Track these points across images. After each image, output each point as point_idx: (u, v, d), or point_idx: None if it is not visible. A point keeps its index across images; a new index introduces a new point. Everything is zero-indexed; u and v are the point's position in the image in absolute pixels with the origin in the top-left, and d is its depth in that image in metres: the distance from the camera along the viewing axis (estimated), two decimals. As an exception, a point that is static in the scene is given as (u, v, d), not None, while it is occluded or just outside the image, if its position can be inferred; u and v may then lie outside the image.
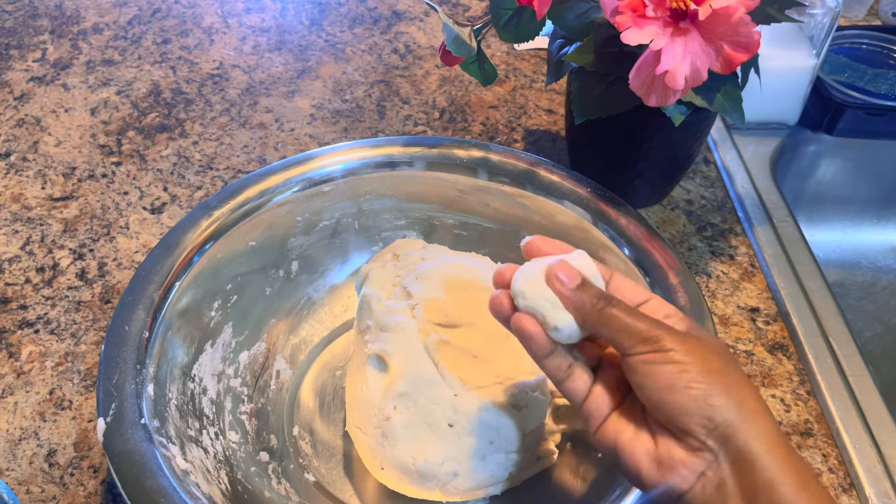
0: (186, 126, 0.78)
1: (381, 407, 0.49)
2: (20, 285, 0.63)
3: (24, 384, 0.57)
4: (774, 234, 0.68)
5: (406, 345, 0.49)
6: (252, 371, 0.56)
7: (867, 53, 0.84)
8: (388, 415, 0.48)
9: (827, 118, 0.78)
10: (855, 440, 0.55)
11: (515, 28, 0.56)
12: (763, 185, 0.73)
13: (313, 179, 0.59)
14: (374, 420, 0.49)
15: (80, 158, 0.74)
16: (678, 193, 0.72)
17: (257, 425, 0.53)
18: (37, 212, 0.69)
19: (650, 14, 0.48)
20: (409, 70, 0.86)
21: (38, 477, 0.52)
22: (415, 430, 0.48)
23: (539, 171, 0.59)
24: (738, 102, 0.55)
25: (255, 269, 0.57)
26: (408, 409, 0.48)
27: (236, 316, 0.56)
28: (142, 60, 0.86)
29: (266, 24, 0.92)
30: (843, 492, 0.53)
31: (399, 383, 0.48)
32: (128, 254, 0.66)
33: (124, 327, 0.49)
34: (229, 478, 0.48)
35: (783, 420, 0.57)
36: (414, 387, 0.48)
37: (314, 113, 0.80)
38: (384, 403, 0.49)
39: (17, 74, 0.83)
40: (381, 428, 0.48)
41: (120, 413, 0.45)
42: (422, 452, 0.48)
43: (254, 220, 0.57)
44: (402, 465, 0.48)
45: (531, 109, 0.81)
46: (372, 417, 0.49)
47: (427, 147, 0.60)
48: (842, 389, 0.58)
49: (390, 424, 0.48)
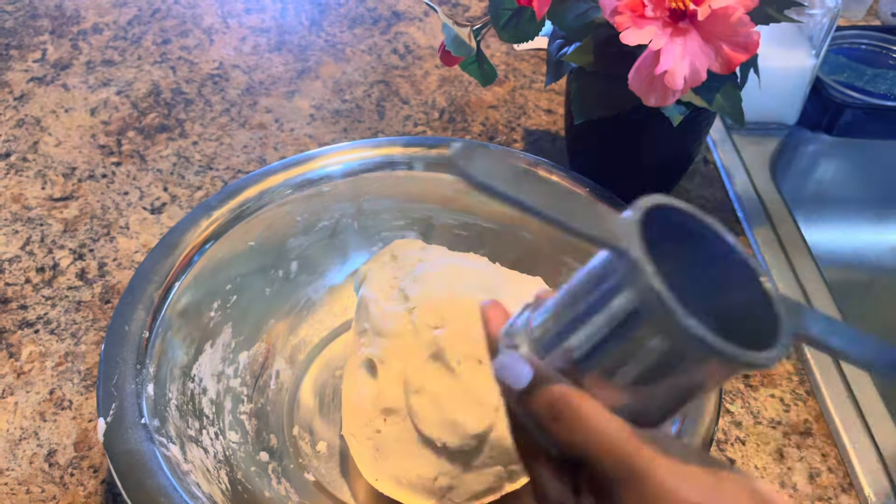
0: (186, 126, 0.78)
1: (372, 418, 0.48)
2: (20, 285, 0.63)
3: (24, 384, 0.57)
4: (774, 233, 0.68)
5: (400, 352, 0.49)
6: (252, 371, 0.56)
7: (866, 53, 0.84)
8: (379, 427, 0.48)
9: (826, 118, 0.78)
10: (854, 440, 0.55)
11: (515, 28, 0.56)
12: (762, 185, 0.73)
13: (313, 180, 0.59)
14: (365, 430, 0.49)
15: (80, 159, 0.74)
16: (678, 193, 0.72)
17: (257, 425, 0.54)
18: (37, 212, 0.69)
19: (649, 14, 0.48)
20: (409, 70, 0.86)
21: (39, 477, 0.52)
22: (406, 445, 0.48)
23: (539, 172, 0.59)
24: (737, 102, 0.55)
25: (255, 269, 0.57)
26: (397, 424, 0.48)
27: (236, 316, 0.56)
28: (142, 61, 0.86)
29: (266, 24, 0.92)
30: (843, 491, 0.53)
31: (388, 397, 0.48)
32: (128, 254, 0.66)
33: (124, 327, 0.49)
34: (229, 477, 0.48)
35: (782, 420, 0.57)
36: (402, 403, 0.48)
37: (314, 113, 0.80)
38: (374, 415, 0.48)
39: (17, 75, 0.83)
40: (374, 440, 0.48)
41: (120, 413, 0.45)
42: (414, 468, 0.47)
43: (253, 221, 0.57)
44: (395, 479, 0.48)
45: (531, 110, 0.81)
46: (364, 427, 0.49)
47: (426, 147, 0.60)
48: (841, 389, 0.58)
49: (382, 437, 0.48)
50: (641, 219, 0.28)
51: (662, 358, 0.28)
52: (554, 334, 0.30)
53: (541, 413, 0.29)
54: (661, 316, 0.26)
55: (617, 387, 0.29)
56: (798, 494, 0.53)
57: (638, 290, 0.27)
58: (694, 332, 0.26)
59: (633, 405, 0.29)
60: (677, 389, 0.29)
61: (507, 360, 0.30)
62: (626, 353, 0.28)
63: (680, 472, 0.28)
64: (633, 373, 0.28)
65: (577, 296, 0.29)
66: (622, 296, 0.27)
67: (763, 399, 0.58)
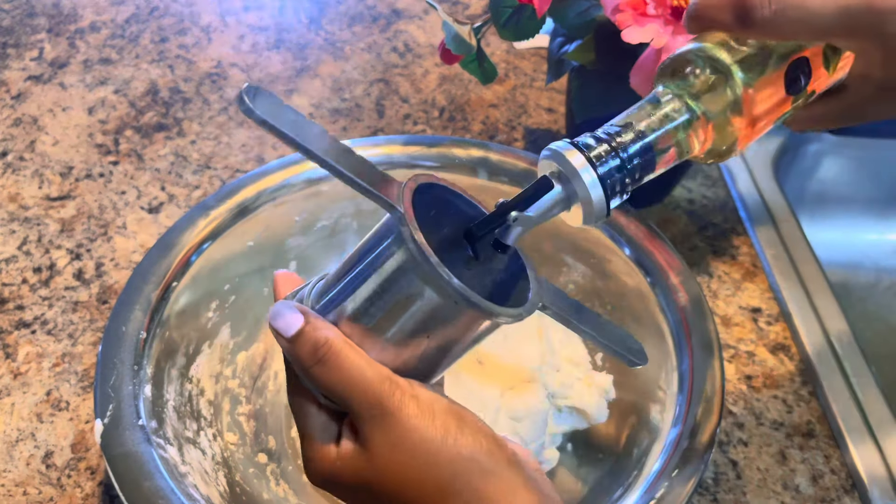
0: (184, 125, 0.77)
1: None
2: (17, 285, 0.63)
3: (20, 385, 0.57)
4: (776, 233, 0.68)
5: None
6: (250, 372, 0.55)
7: (869, 52, 0.83)
8: None
9: (829, 117, 0.77)
10: (857, 441, 0.54)
11: (515, 26, 0.56)
12: (765, 184, 0.72)
13: (311, 179, 0.58)
14: None
15: (77, 158, 0.74)
16: (679, 193, 0.72)
17: (255, 426, 0.53)
18: (34, 211, 0.69)
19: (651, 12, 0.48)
20: (409, 69, 0.85)
21: (36, 478, 0.52)
22: None
23: (539, 171, 0.59)
24: (739, 101, 0.55)
25: (253, 269, 0.57)
26: None
27: (234, 316, 0.55)
28: (139, 59, 0.85)
29: (264, 22, 0.91)
30: (845, 493, 0.53)
31: None
32: (125, 254, 0.65)
33: (122, 328, 0.48)
34: (227, 479, 0.48)
35: (785, 421, 0.56)
36: None
37: (313, 112, 0.80)
38: None
39: (13, 73, 0.83)
40: None
41: (117, 414, 0.44)
42: None
43: (252, 220, 0.56)
44: None
45: (531, 108, 0.81)
46: None
47: (426, 146, 0.60)
48: (844, 390, 0.57)
49: None
50: (415, 187, 0.32)
51: (423, 310, 0.31)
52: (333, 293, 0.33)
53: (305, 357, 0.31)
54: (420, 266, 0.30)
55: (385, 340, 0.32)
56: (801, 496, 0.52)
57: (401, 243, 0.30)
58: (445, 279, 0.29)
59: (400, 358, 0.32)
60: (438, 342, 0.32)
61: (281, 308, 0.32)
62: (391, 305, 0.31)
63: (426, 415, 0.31)
64: (397, 326, 0.32)
65: (354, 256, 0.33)
66: (389, 250, 0.31)
67: (766, 400, 0.57)
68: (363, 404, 0.31)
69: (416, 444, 0.31)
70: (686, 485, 0.43)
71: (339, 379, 0.31)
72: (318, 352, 0.31)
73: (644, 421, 0.50)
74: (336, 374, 0.31)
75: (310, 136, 0.30)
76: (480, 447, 0.31)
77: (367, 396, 0.31)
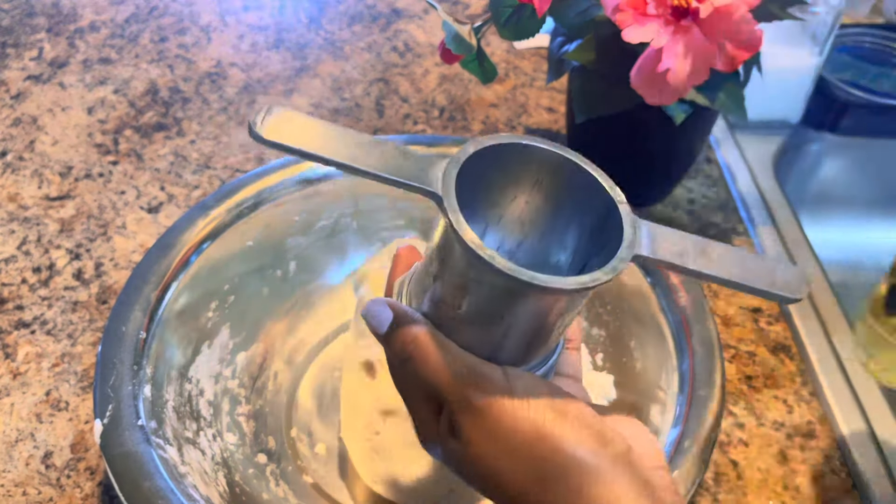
0: (184, 125, 0.77)
1: (371, 420, 0.48)
2: (16, 285, 0.63)
3: (20, 385, 0.57)
4: (777, 233, 0.68)
5: None
6: (249, 372, 0.55)
7: (870, 52, 0.83)
8: (378, 429, 0.48)
9: (830, 117, 0.77)
10: (858, 442, 0.54)
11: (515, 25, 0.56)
12: (766, 184, 0.72)
13: (311, 179, 0.58)
14: (364, 432, 0.48)
15: (76, 158, 0.74)
16: (680, 192, 0.72)
17: (255, 427, 0.53)
18: (33, 211, 0.69)
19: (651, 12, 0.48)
20: (409, 68, 0.85)
21: (35, 479, 0.52)
22: (405, 447, 0.47)
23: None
24: (740, 101, 0.55)
25: (253, 269, 0.57)
26: (396, 426, 0.47)
27: (234, 316, 0.55)
28: (139, 59, 0.85)
29: (264, 21, 0.91)
30: (846, 494, 0.52)
31: (387, 398, 0.48)
32: (125, 254, 0.65)
33: (121, 328, 0.48)
34: (227, 479, 0.48)
35: (785, 421, 0.56)
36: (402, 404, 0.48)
37: (312, 111, 0.79)
38: (373, 417, 0.48)
39: (13, 73, 0.83)
40: (372, 442, 0.48)
41: (117, 415, 0.44)
42: (413, 470, 0.47)
43: (251, 220, 0.56)
44: (394, 481, 0.47)
45: (531, 108, 0.80)
46: (362, 430, 0.48)
47: (426, 146, 0.60)
48: (845, 390, 0.57)
49: (380, 440, 0.47)
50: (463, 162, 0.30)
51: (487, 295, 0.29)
52: (422, 283, 0.32)
53: (398, 354, 0.32)
54: (467, 252, 0.28)
55: (470, 326, 0.31)
56: (801, 496, 0.52)
57: (449, 230, 0.28)
58: (489, 265, 0.27)
59: (489, 344, 0.31)
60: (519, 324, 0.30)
61: (371, 307, 0.32)
62: (462, 292, 0.30)
63: (520, 406, 0.30)
64: (476, 311, 0.30)
65: (432, 248, 0.32)
66: (450, 240, 0.29)
67: (766, 400, 0.57)
68: (452, 395, 0.31)
69: (507, 434, 0.30)
70: (687, 485, 0.43)
71: (426, 374, 0.31)
72: (408, 347, 0.31)
73: (644, 421, 0.50)
74: (423, 369, 0.31)
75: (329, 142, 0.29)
76: (581, 443, 0.29)
77: (455, 388, 0.31)
